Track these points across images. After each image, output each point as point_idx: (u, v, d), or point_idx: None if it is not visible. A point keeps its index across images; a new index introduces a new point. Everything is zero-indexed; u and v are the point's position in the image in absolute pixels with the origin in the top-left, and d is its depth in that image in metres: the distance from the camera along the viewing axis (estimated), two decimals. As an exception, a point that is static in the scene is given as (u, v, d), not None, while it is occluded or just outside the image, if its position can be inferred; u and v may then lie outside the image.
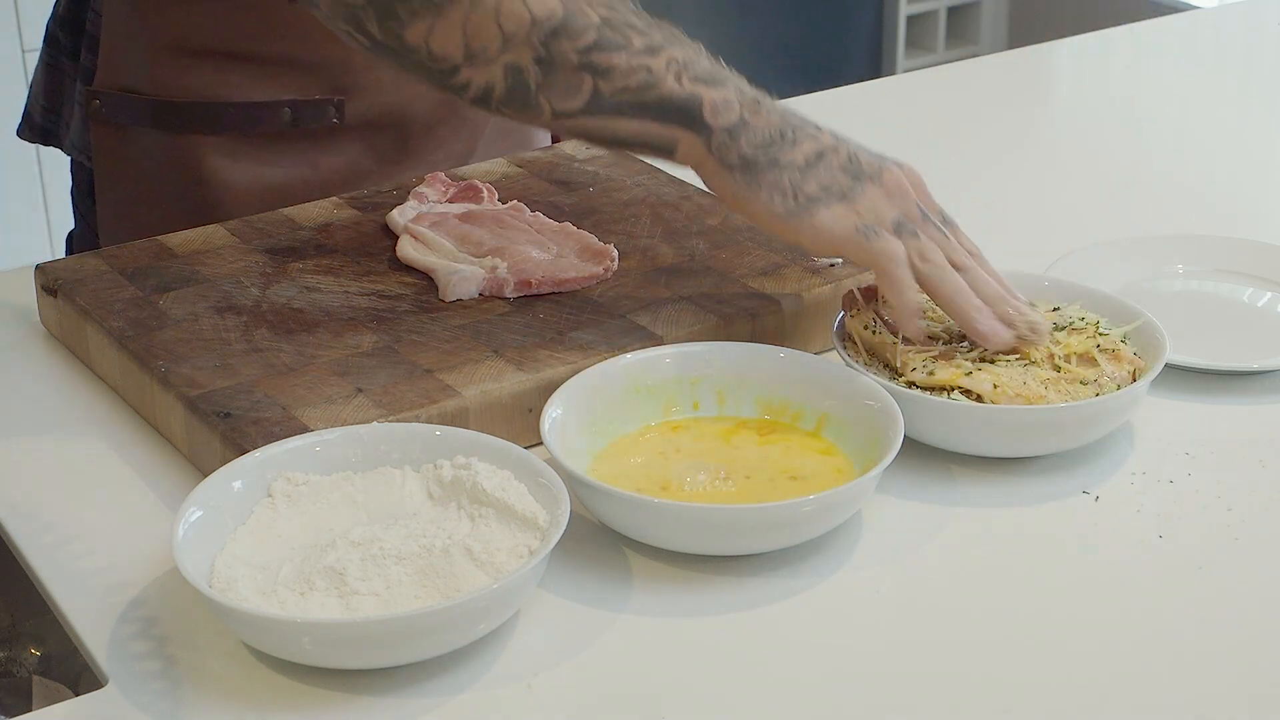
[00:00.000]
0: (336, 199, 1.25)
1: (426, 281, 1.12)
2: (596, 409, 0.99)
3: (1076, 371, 1.01)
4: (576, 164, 1.30)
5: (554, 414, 0.96)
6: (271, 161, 1.29)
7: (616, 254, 1.14)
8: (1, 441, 1.04)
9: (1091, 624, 0.88)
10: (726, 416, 1.02)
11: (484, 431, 0.96)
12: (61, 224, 2.88)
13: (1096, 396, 0.99)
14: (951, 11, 4.11)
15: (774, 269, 1.13)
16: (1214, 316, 1.18)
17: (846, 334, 1.06)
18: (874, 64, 4.03)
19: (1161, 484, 0.99)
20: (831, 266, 1.13)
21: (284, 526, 0.90)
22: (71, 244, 1.45)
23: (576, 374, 1.00)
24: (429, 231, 1.15)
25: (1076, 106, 1.70)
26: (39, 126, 1.39)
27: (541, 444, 0.95)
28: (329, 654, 0.82)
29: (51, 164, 2.85)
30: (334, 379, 1.01)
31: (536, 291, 1.10)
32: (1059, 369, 1.00)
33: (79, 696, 0.84)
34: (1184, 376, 1.09)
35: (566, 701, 0.83)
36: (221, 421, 0.97)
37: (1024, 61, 1.82)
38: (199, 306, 1.09)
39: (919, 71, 1.83)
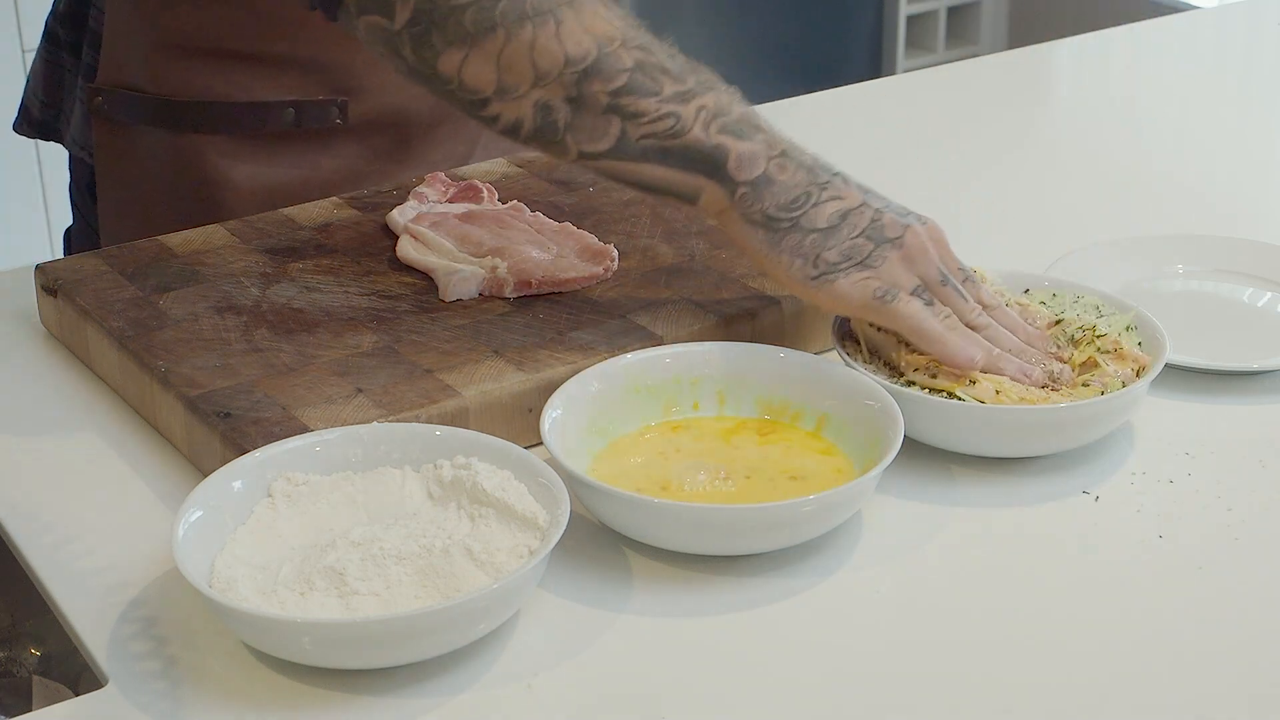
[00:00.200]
0: (336, 199, 1.25)
1: (426, 281, 1.12)
2: (596, 409, 0.99)
3: (1077, 377, 1.01)
4: (576, 164, 1.30)
5: (554, 414, 0.96)
6: (274, 161, 1.29)
7: (616, 254, 1.14)
8: (1, 441, 1.04)
9: (1091, 624, 0.88)
10: (726, 416, 1.02)
11: (484, 431, 0.96)
12: (61, 223, 2.87)
13: (1100, 395, 0.99)
14: (951, 11, 4.11)
15: (774, 269, 1.13)
16: (1214, 316, 1.18)
17: (847, 333, 1.06)
18: (874, 64, 4.03)
19: (1161, 484, 0.99)
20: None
21: (284, 526, 0.90)
22: (70, 240, 1.45)
23: (576, 374, 1.00)
24: (429, 231, 1.15)
25: (1076, 106, 1.70)
26: (37, 121, 1.39)
27: (541, 444, 0.95)
28: (329, 654, 0.82)
29: (51, 163, 2.85)
30: (334, 379, 1.01)
31: (536, 291, 1.10)
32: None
33: (79, 696, 0.84)
34: (1184, 376, 1.09)
35: (566, 701, 0.83)
36: (221, 421, 0.97)
37: (1024, 61, 1.82)
38: (199, 306, 1.09)
39: (919, 71, 1.83)
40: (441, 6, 0.98)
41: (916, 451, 1.00)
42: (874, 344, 1.04)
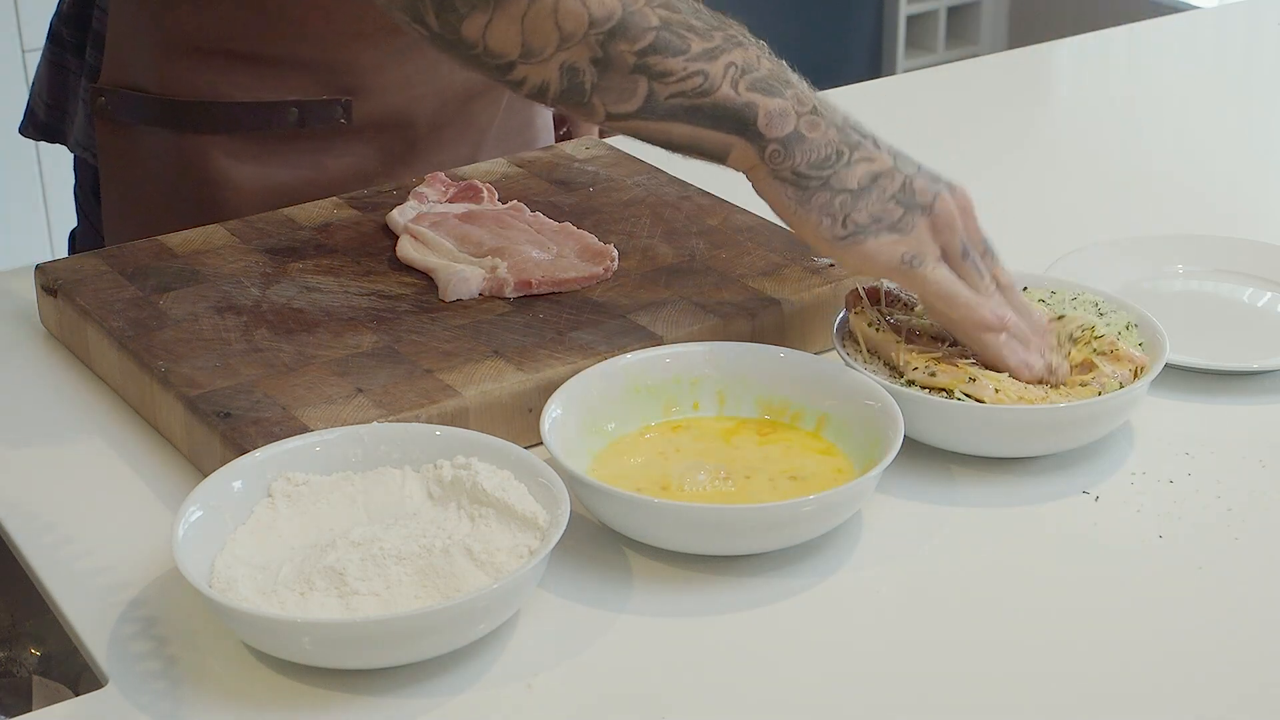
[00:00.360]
0: (336, 199, 1.25)
1: (426, 281, 1.12)
2: (596, 409, 0.99)
3: (1075, 377, 1.01)
4: (576, 164, 1.30)
5: (554, 414, 0.96)
6: (278, 162, 1.29)
7: (616, 254, 1.14)
8: (1, 441, 1.04)
9: (1091, 624, 0.88)
10: (726, 416, 1.03)
11: (484, 431, 0.96)
12: (61, 223, 2.88)
13: (1098, 396, 0.99)
14: (951, 11, 4.11)
15: (774, 269, 1.13)
16: (1214, 316, 1.18)
17: (847, 333, 1.06)
18: (874, 64, 4.03)
19: (1161, 484, 0.99)
20: (831, 266, 1.13)
21: (284, 526, 0.90)
22: (74, 242, 1.45)
23: (576, 374, 1.00)
24: (429, 231, 1.15)
25: (1076, 106, 1.70)
26: (43, 123, 1.39)
27: (541, 444, 0.95)
28: (329, 654, 0.82)
29: (52, 163, 2.85)
30: (334, 379, 1.01)
31: (536, 291, 1.10)
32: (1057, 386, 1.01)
33: (79, 696, 0.84)
34: (1184, 376, 1.09)
35: (566, 701, 0.83)
36: (221, 421, 0.97)
37: (1024, 61, 1.82)
38: (199, 306, 1.09)
39: (919, 71, 1.83)
40: None
41: (916, 451, 1.00)
42: (874, 344, 1.04)
